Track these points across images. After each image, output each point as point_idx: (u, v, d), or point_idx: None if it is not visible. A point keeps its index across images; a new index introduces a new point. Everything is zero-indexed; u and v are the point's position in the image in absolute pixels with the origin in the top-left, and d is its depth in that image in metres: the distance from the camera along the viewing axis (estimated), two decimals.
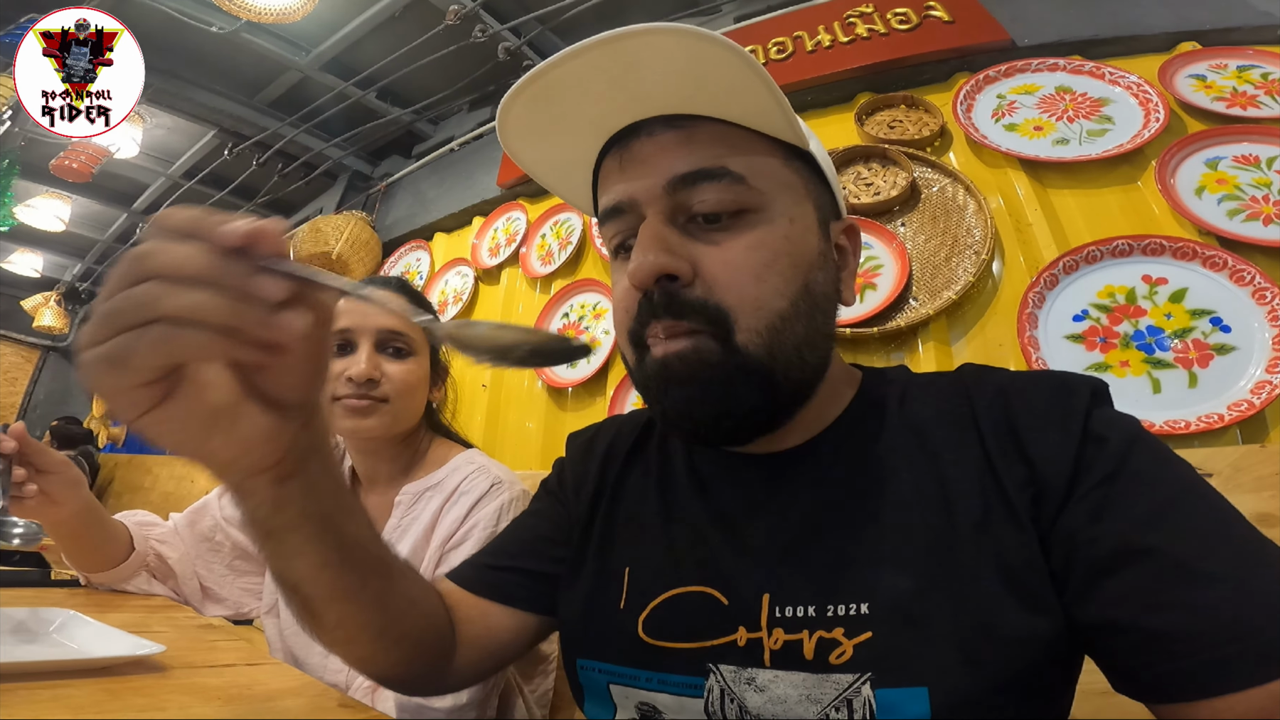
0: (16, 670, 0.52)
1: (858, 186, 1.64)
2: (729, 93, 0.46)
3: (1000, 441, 0.46)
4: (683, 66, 0.45)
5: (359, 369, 0.92)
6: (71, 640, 0.63)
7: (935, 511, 0.45)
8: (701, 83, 0.46)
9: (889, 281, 1.50)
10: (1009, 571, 0.42)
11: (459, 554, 0.86)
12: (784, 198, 0.50)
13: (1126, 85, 1.51)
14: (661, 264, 0.46)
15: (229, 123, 3.27)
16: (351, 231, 2.90)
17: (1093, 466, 0.42)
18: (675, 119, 0.49)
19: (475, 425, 2.15)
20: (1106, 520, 0.40)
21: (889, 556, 0.45)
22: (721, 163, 0.48)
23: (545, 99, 0.49)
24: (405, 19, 2.55)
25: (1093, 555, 0.40)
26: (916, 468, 0.48)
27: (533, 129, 0.52)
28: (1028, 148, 1.50)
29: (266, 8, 2.23)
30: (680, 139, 0.49)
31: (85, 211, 4.51)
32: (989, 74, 1.66)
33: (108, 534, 0.93)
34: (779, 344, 0.47)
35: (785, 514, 0.50)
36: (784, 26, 2.01)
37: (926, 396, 0.52)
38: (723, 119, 0.49)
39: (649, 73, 0.46)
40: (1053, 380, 0.48)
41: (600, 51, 0.44)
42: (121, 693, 0.52)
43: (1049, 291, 1.32)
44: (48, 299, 5.43)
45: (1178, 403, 1.15)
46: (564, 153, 0.55)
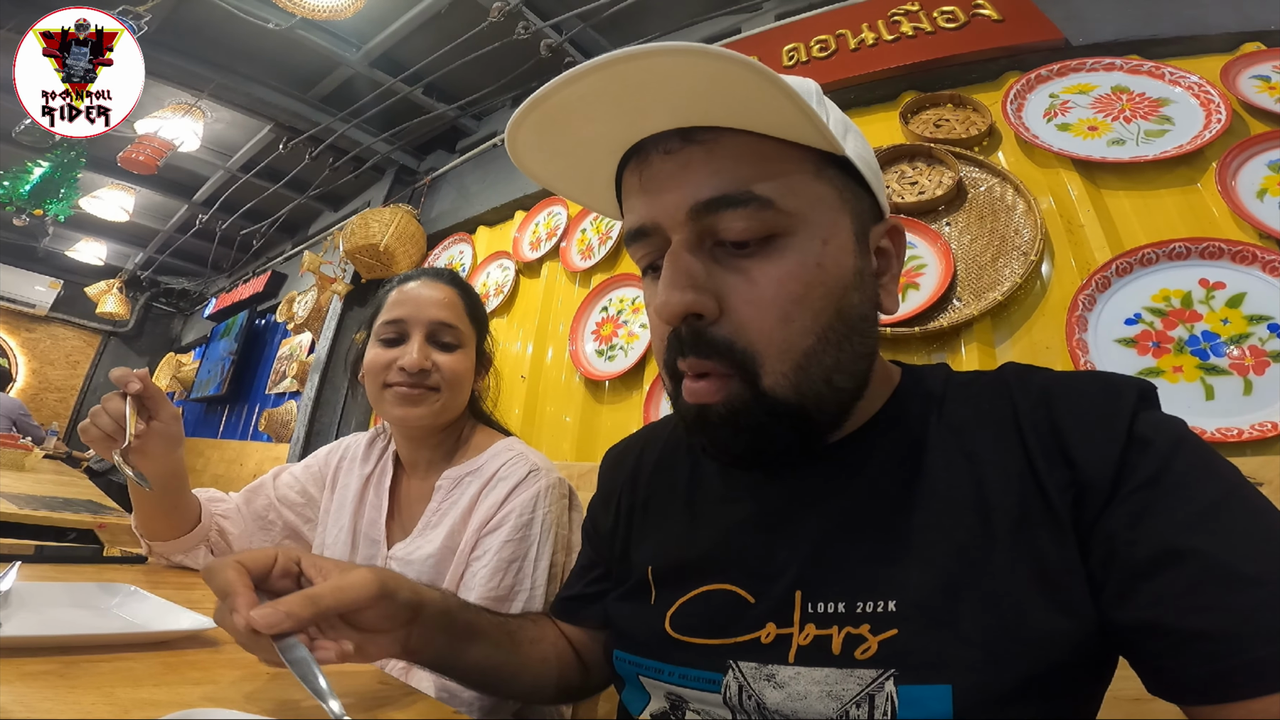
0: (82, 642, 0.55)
1: (902, 185, 1.62)
2: (747, 107, 0.44)
3: (1043, 443, 0.45)
4: (692, 85, 0.43)
5: (411, 359, 0.95)
6: (132, 615, 0.66)
7: (970, 512, 0.45)
8: (715, 98, 0.44)
9: (932, 281, 1.48)
10: (1044, 573, 0.41)
11: (495, 538, 0.89)
12: (816, 215, 0.47)
13: (1187, 86, 1.46)
14: (687, 303, 0.46)
15: (284, 117, 3.38)
16: (398, 224, 2.97)
17: (1136, 469, 0.41)
18: (692, 131, 0.47)
19: (513, 417, 2.19)
20: (1148, 522, 0.40)
21: (920, 555, 0.44)
22: (746, 187, 0.45)
23: (551, 122, 0.48)
24: (450, 16, 2.59)
25: (1133, 557, 0.39)
26: (953, 468, 0.47)
27: (544, 151, 0.52)
28: (1081, 148, 1.46)
29: (320, 5, 2.29)
30: (701, 156, 0.46)
31: (148, 202, 4.70)
32: (1041, 73, 1.62)
33: (184, 502, 0.97)
34: (806, 381, 0.46)
35: (819, 512, 0.50)
36: (827, 24, 1.99)
37: (966, 396, 0.51)
38: (746, 129, 0.46)
39: (656, 93, 0.44)
40: (1098, 381, 0.47)
41: (600, 76, 0.42)
42: (178, 665, 0.55)
43: (1100, 294, 1.29)
44: (110, 286, 5.67)
45: (1231, 410, 1.12)
46: (581, 170, 0.54)
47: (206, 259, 5.45)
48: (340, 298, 3.32)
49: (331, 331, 3.29)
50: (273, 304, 4.56)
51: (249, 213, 4.46)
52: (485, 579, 0.86)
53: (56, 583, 0.69)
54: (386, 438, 1.10)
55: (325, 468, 1.12)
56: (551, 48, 2.56)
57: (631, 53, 0.40)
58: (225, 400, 4.76)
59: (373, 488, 1.05)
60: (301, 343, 3.85)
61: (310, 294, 3.58)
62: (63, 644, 0.53)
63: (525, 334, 2.39)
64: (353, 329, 3.25)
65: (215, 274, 5.94)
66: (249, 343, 4.72)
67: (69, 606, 0.66)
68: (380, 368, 0.97)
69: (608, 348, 2.05)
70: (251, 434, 4.23)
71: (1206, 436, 1.10)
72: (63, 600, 0.66)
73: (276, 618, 0.45)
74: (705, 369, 0.47)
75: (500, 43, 2.57)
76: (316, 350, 3.39)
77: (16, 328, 6.55)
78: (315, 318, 3.46)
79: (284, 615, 0.45)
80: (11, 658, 0.49)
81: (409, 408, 0.96)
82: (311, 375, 3.28)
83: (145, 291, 6.54)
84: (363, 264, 3.08)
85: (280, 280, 4.73)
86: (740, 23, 2.37)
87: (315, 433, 3.16)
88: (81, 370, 6.91)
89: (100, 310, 5.69)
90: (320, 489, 1.10)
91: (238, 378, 4.63)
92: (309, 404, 3.19)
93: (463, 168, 3.21)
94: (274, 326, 4.49)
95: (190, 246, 5.33)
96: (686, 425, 0.50)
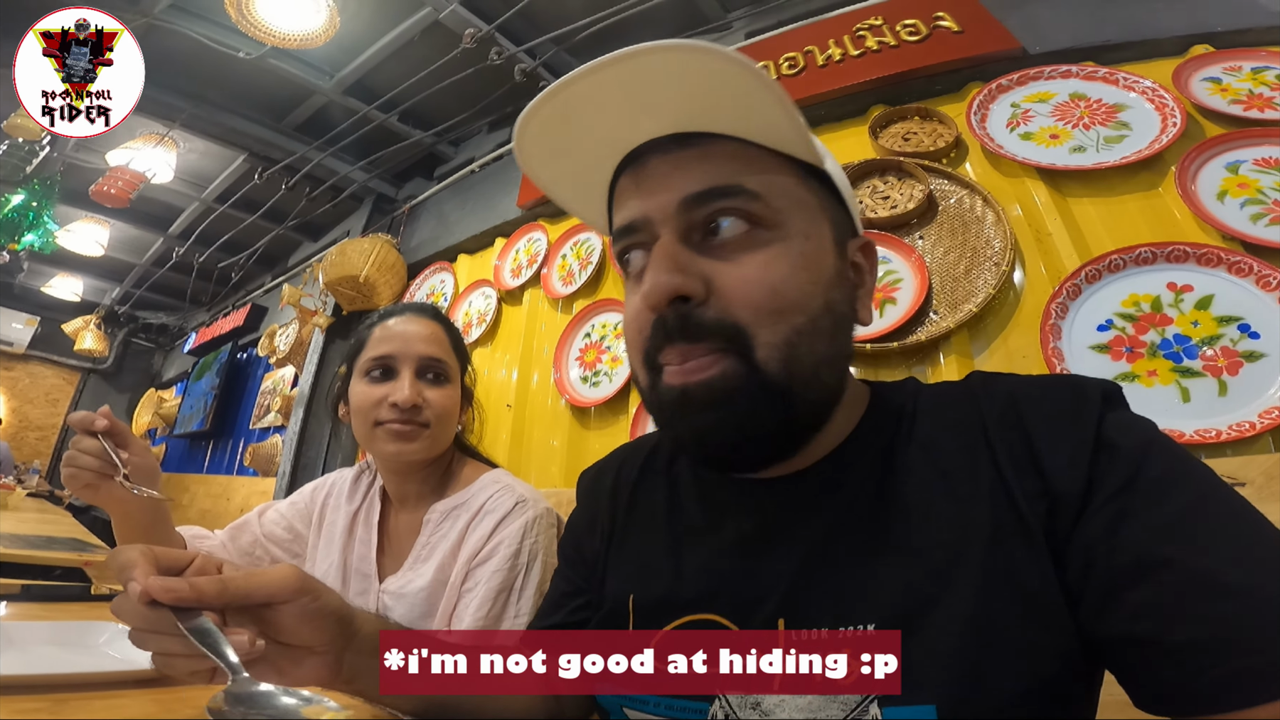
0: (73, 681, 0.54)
1: (874, 200, 1.64)
2: (743, 110, 0.46)
3: (1011, 453, 0.45)
4: (697, 83, 0.45)
5: (403, 395, 0.95)
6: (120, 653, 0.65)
7: (947, 529, 0.44)
8: (716, 99, 0.46)
9: (908, 295, 1.50)
10: (1020, 587, 0.41)
11: (485, 569, 0.89)
12: (800, 215, 0.49)
13: (1141, 90, 1.50)
14: (675, 285, 0.46)
15: (258, 147, 3.37)
16: (378, 254, 2.96)
17: (1106, 476, 0.41)
18: (690, 137, 0.49)
19: (501, 444, 2.19)
20: (1123, 532, 0.39)
21: (897, 576, 0.44)
22: (737, 180, 0.47)
23: (561, 118, 0.49)
24: (423, 42, 2.61)
25: (1109, 568, 0.39)
26: (927, 485, 0.47)
27: (549, 148, 0.52)
28: (1045, 156, 1.49)
29: (290, 33, 2.30)
30: (695, 156, 0.48)
31: (123, 236, 4.66)
32: (1001, 83, 1.66)
33: (167, 538, 0.95)
34: (796, 360, 0.46)
35: (797, 538, 0.50)
36: (795, 41, 2.03)
37: (935, 410, 0.51)
38: (738, 137, 0.48)
39: (664, 89, 0.46)
40: (1063, 385, 0.47)
41: (616, 69, 0.44)
42: (169, 702, 0.55)
43: (1072, 301, 1.32)
44: (88, 322, 5.60)
45: (1208, 411, 1.14)
46: (580, 172, 0.55)
47: (185, 293, 5.38)
48: (322, 330, 3.30)
49: (314, 365, 3.27)
50: (254, 337, 4.53)
51: (226, 245, 4.44)
52: (475, 609, 0.87)
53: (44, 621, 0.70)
54: (372, 474, 1.10)
55: (311, 504, 1.11)
56: (525, 72, 2.58)
57: (648, 47, 0.42)
58: (209, 435, 4.70)
59: (361, 523, 1.05)
60: (285, 376, 3.82)
61: (292, 327, 3.56)
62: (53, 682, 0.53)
63: (510, 361, 2.39)
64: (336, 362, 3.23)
65: (194, 308, 5.88)
66: (231, 377, 4.67)
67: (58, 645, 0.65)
68: (371, 405, 0.97)
69: (592, 374, 2.05)
70: (237, 469, 4.18)
71: (1185, 439, 1.12)
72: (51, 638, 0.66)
73: (179, 586, 0.42)
74: (696, 353, 0.46)
75: (475, 68, 2.59)
76: (300, 384, 3.37)
77: None
78: (297, 351, 3.44)
79: (187, 585, 0.43)
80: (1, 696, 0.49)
81: (403, 444, 0.96)
82: (296, 409, 3.26)
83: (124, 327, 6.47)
84: (344, 296, 3.06)
85: (261, 313, 4.69)
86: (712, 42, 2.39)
87: (301, 467, 3.13)
88: (61, 408, 6.84)
89: (78, 347, 5.62)
90: (307, 526, 1.10)
91: (221, 412, 4.58)
92: (294, 438, 3.16)
93: (441, 195, 3.22)
94: (256, 360, 4.45)
95: (168, 280, 5.28)
96: (665, 414, 0.49)
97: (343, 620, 0.52)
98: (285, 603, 0.47)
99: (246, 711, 0.40)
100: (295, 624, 0.48)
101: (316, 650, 0.50)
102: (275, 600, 0.47)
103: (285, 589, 0.47)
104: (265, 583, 0.46)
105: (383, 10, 2.56)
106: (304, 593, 0.48)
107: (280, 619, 0.48)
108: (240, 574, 0.46)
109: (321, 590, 0.50)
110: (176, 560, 0.46)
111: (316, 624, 0.49)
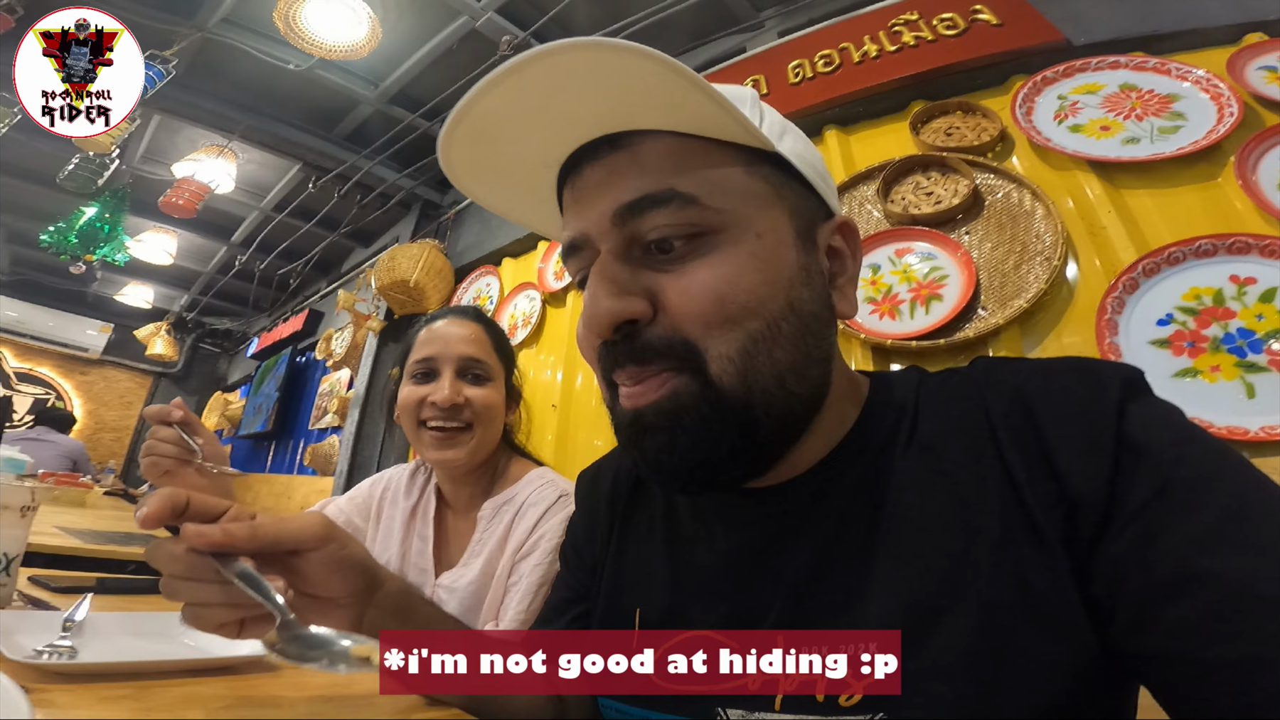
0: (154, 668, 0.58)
1: (918, 196, 1.62)
2: (666, 104, 0.42)
3: (1022, 453, 0.41)
4: (607, 82, 0.41)
5: (443, 394, 0.98)
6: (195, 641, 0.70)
7: (948, 537, 0.41)
8: (633, 96, 0.42)
9: (955, 291, 1.47)
10: (1031, 596, 0.38)
11: (528, 563, 0.92)
12: (747, 211, 0.44)
13: (1195, 80, 1.44)
14: (615, 311, 0.43)
15: (311, 156, 3.48)
16: (426, 259, 3.04)
17: (1134, 482, 0.37)
18: (620, 138, 0.45)
19: (547, 444, 2.23)
20: (1158, 546, 0.36)
21: (899, 589, 0.41)
22: (668, 184, 0.43)
23: (482, 136, 0.46)
24: (462, 50, 2.67)
25: (1144, 585, 0.36)
26: (929, 490, 0.43)
27: (480, 167, 0.49)
28: (1096, 148, 1.45)
29: (336, 44, 2.39)
30: (626, 160, 0.44)
31: (189, 245, 4.87)
32: (1047, 75, 1.61)
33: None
34: (755, 371, 0.42)
35: (793, 550, 0.47)
36: (829, 39, 2.00)
37: (937, 404, 0.47)
38: (671, 130, 0.44)
39: (574, 94, 0.42)
40: (1077, 374, 0.42)
41: (514, 79, 0.40)
42: (243, 689, 0.58)
43: (1129, 296, 1.28)
44: (158, 329, 5.87)
45: (1274, 408, 1.09)
46: (526, 189, 0.51)
47: (247, 299, 5.61)
48: (375, 334, 3.41)
49: (368, 368, 3.39)
50: (312, 341, 4.69)
51: (284, 252, 4.60)
52: (517, 603, 0.89)
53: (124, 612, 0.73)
54: (427, 471, 1.13)
55: (370, 499, 1.15)
56: None
57: (541, 51, 0.38)
58: (271, 436, 4.88)
59: (419, 518, 1.09)
60: (341, 379, 3.95)
61: (346, 331, 3.68)
62: (137, 670, 0.57)
63: (554, 363, 2.43)
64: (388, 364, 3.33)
65: (256, 313, 6.11)
66: (291, 379, 4.85)
67: (137, 635, 0.70)
68: (414, 404, 1.01)
69: None
70: (298, 468, 4.34)
71: (1250, 436, 1.08)
72: (131, 629, 0.70)
73: (212, 531, 0.44)
74: (646, 374, 0.43)
75: None
76: (355, 386, 3.49)
77: (70, 371, 6.80)
78: (352, 354, 3.56)
79: (220, 531, 0.44)
80: (90, 683, 0.52)
81: (445, 450, 0.99)
82: (351, 410, 3.38)
83: (191, 333, 6.76)
84: (395, 300, 3.16)
85: (318, 318, 4.86)
86: (744, 42, 2.39)
87: (357, 466, 3.24)
88: (135, 410, 7.14)
89: (150, 352, 5.89)
90: (365, 520, 1.14)
91: (282, 414, 4.76)
92: (350, 439, 3.28)
93: None
94: (314, 363, 4.61)
95: (231, 287, 5.50)
96: (622, 438, 0.47)
97: (368, 572, 0.53)
98: (313, 550, 0.49)
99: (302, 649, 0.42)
100: (322, 573, 0.49)
101: (340, 602, 0.51)
102: (303, 546, 0.48)
103: (312, 535, 0.49)
104: (294, 528, 0.48)
105: (421, 20, 2.62)
106: (330, 540, 0.49)
107: (307, 568, 0.49)
108: (270, 520, 0.48)
109: (347, 539, 0.52)
110: (212, 507, 0.47)
111: (342, 573, 0.50)
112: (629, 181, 0.44)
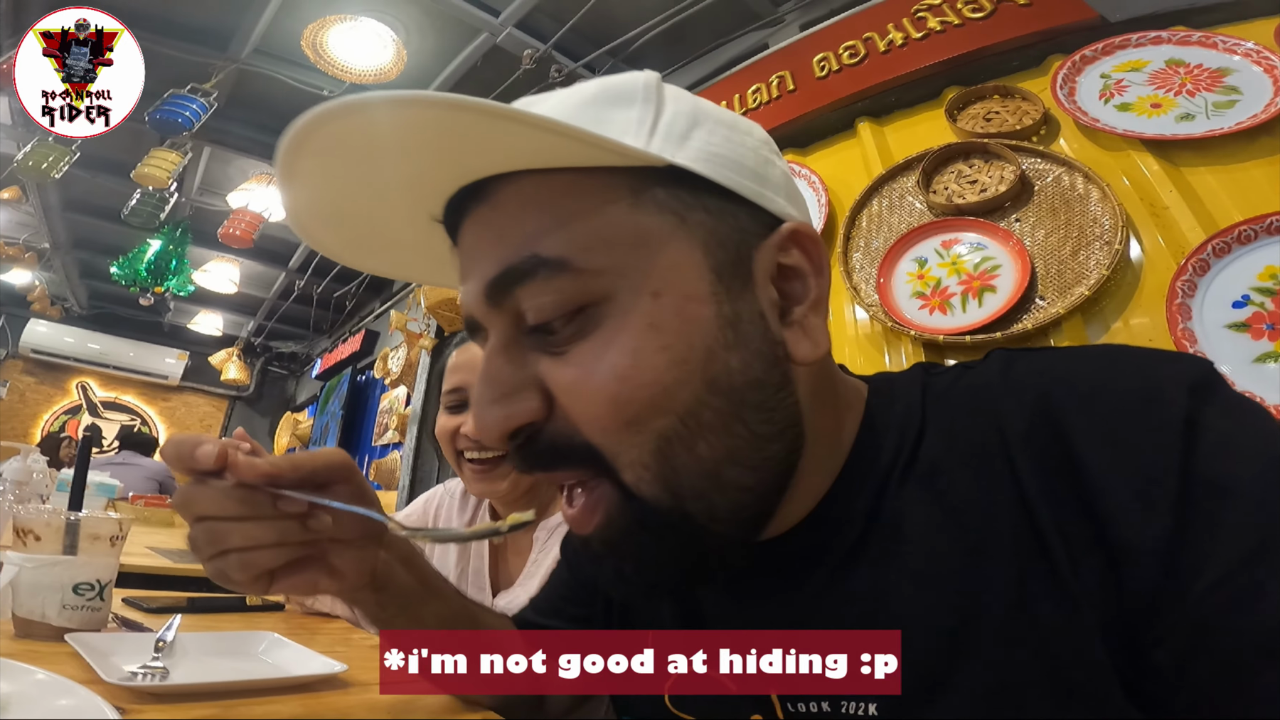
0: (238, 688, 0.61)
1: (961, 185, 1.56)
2: (479, 146, 0.33)
3: (1046, 481, 0.33)
4: (415, 140, 0.34)
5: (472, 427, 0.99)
6: (276, 660, 0.72)
7: (960, 583, 0.35)
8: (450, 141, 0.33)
9: (1009, 282, 1.42)
10: (1049, 659, 0.31)
11: None
12: (636, 263, 0.34)
13: (1244, 53, 1.35)
14: (500, 420, 0.35)
15: None
16: None
17: (1218, 533, 0.28)
18: (479, 187, 0.36)
19: None
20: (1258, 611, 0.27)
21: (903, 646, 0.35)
22: (530, 249, 0.34)
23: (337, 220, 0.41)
24: (486, 67, 2.69)
25: (1231, 649, 0.28)
26: (933, 535, 0.36)
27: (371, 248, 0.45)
28: (1148, 127, 1.37)
29: (364, 69, 2.47)
30: (487, 215, 0.36)
31: (250, 272, 5.10)
32: (1085, 54, 1.53)
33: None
34: (676, 475, 0.34)
35: (787, 607, 0.42)
36: (852, 29, 1.95)
37: (942, 420, 0.39)
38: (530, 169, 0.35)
39: (387, 159, 0.35)
40: (1123, 376, 0.33)
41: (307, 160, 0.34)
42: (316, 708, 0.60)
43: (1200, 278, 1.20)
44: (230, 354, 6.19)
45: None
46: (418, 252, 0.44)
47: (308, 322, 5.85)
48: (428, 352, 3.51)
49: (423, 385, 3.49)
50: (370, 361, 4.84)
51: (338, 275, 4.78)
52: None
53: (209, 632, 0.76)
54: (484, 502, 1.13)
55: (424, 516, 1.17)
56: None
57: (312, 118, 0.32)
58: None
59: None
60: (399, 396, 4.08)
61: (401, 350, 3.80)
62: (222, 690, 0.59)
63: None
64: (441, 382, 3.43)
65: (318, 335, 6.36)
66: (354, 398, 5.04)
67: (221, 654, 0.72)
68: (449, 436, 0.99)
69: None
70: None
71: None
72: (216, 648, 0.73)
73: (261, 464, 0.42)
74: (571, 488, 0.38)
75: (537, 88, 2.65)
76: (412, 403, 3.60)
77: (154, 398, 7.22)
78: (408, 372, 3.67)
79: (268, 462, 0.43)
80: (179, 703, 0.55)
81: (485, 484, 0.98)
82: (410, 427, 3.49)
83: (260, 357, 7.08)
84: (444, 318, 3.23)
85: (374, 338, 5.03)
86: (766, 38, 2.35)
87: (418, 480, 3.35)
88: (214, 433, 7.25)
89: (224, 378, 6.22)
90: None
91: (347, 431, 4.95)
92: (410, 454, 3.40)
93: None
94: (374, 382, 4.78)
95: (293, 311, 5.73)
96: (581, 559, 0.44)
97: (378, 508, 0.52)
98: (341, 482, 0.48)
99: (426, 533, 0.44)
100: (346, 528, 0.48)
101: (355, 543, 0.50)
102: (334, 475, 0.47)
103: (342, 463, 0.48)
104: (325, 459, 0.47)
105: (443, 40, 2.66)
106: (351, 469, 0.49)
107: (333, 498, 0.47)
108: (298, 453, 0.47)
109: (360, 475, 0.51)
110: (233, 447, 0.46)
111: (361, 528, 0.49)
112: (490, 248, 0.36)
